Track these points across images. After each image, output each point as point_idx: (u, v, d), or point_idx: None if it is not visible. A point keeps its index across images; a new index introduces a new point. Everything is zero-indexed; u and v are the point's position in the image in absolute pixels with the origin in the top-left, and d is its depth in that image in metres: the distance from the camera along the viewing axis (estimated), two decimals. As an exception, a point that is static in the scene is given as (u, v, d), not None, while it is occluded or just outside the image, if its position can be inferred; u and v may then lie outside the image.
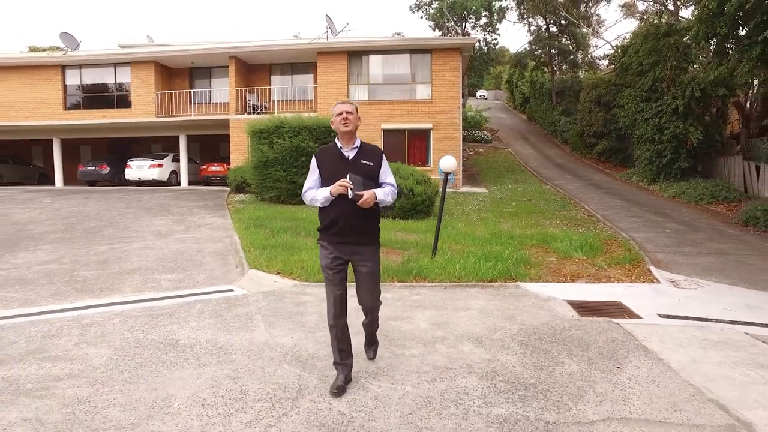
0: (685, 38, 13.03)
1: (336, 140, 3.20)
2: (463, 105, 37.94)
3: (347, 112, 3.09)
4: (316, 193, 3.09)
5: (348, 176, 2.95)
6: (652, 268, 7.12)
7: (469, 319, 4.59)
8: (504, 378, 3.31)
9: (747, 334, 4.34)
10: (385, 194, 3.10)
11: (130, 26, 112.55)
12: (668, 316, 4.89)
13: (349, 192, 2.90)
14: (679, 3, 15.43)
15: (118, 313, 4.70)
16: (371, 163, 3.14)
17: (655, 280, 6.51)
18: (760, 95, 13.31)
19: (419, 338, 4.05)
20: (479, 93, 59.77)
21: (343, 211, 3.02)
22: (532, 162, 23.41)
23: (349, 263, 3.17)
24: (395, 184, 3.22)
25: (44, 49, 34.73)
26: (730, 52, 8.66)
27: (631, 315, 4.91)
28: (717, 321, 4.72)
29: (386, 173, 3.21)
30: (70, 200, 13.81)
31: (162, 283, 5.92)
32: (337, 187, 2.94)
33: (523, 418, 2.78)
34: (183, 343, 3.90)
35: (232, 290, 5.60)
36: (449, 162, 6.86)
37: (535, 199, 14.31)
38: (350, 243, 3.09)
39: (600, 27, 34.09)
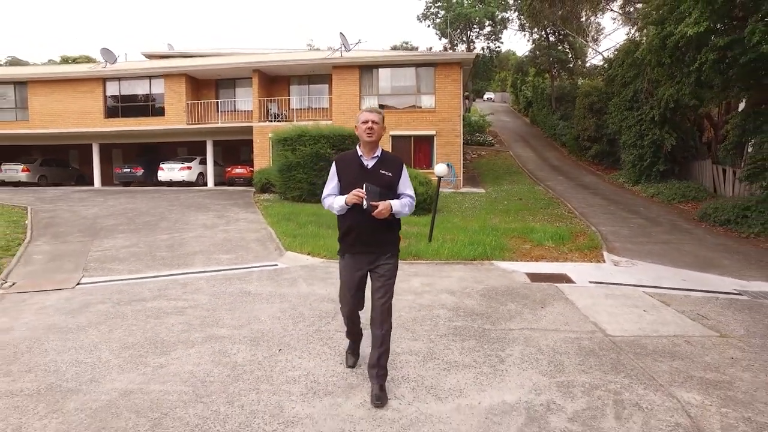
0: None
1: (357, 147, 3.18)
2: (469, 109, 39.79)
3: (373, 122, 3.05)
4: (333, 200, 3.12)
5: (364, 186, 2.93)
6: (605, 253, 8.89)
7: (449, 282, 6.47)
8: (464, 310, 5.19)
9: (643, 291, 6.16)
10: (402, 206, 3.05)
11: (139, 26, 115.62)
12: (595, 282, 6.71)
13: (364, 202, 2.91)
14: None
15: (201, 278, 6.64)
16: (390, 174, 3.09)
17: (601, 261, 8.30)
18: (723, 106, 15.01)
19: (412, 291, 5.94)
20: (486, 95, 61.42)
21: (358, 221, 3.03)
22: (530, 164, 25.16)
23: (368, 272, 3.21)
24: (414, 196, 3.18)
25: (75, 59, 37.23)
26: (677, 76, 10.42)
27: (569, 281, 6.74)
28: (627, 285, 6.54)
29: (405, 184, 3.16)
30: (119, 199, 15.87)
31: (222, 260, 7.86)
32: (351, 197, 2.95)
33: (470, 326, 4.66)
34: (254, 292, 5.82)
35: (276, 265, 7.53)
36: (441, 168, 8.74)
37: (526, 199, 16.10)
38: (366, 253, 3.11)
39: (600, 34, 35.72)
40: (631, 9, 23.72)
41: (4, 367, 3.57)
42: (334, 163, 3.21)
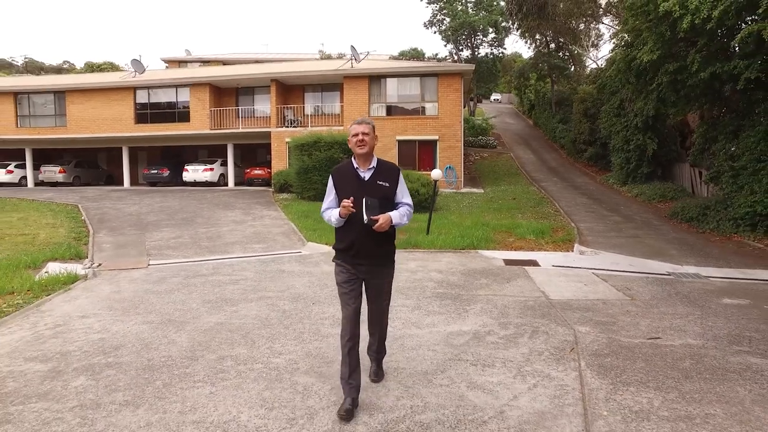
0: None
1: (352, 158, 3.15)
2: (474, 112, 41.31)
3: (363, 133, 3.05)
4: (331, 214, 3.11)
5: (364, 200, 2.93)
6: (576, 245, 10.48)
7: (439, 264, 8.15)
8: (447, 283, 6.87)
9: (592, 272, 7.79)
10: (401, 216, 3.07)
11: (141, 25, 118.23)
12: (557, 266, 8.34)
13: (365, 217, 2.91)
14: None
15: (242, 261, 8.38)
16: (387, 184, 3.10)
17: (570, 251, 9.91)
18: (698, 114, 16.48)
19: (409, 270, 7.63)
20: (493, 96, 62.85)
21: (359, 235, 3.04)
22: (529, 166, 26.71)
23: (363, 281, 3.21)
24: (411, 204, 3.21)
25: (99, 66, 39.38)
26: (643, 93, 11.98)
27: (536, 265, 8.37)
28: (583, 268, 8.16)
29: (403, 193, 3.17)
30: (153, 198, 17.73)
31: (255, 249, 9.59)
32: (342, 211, 2.96)
33: (449, 292, 6.33)
34: (287, 270, 7.55)
35: (300, 252, 9.25)
36: (437, 172, 10.47)
37: (519, 198, 17.69)
38: (366, 264, 3.13)
39: (599, 40, 37.09)
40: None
41: (132, 309, 5.34)
42: (330, 176, 3.23)
